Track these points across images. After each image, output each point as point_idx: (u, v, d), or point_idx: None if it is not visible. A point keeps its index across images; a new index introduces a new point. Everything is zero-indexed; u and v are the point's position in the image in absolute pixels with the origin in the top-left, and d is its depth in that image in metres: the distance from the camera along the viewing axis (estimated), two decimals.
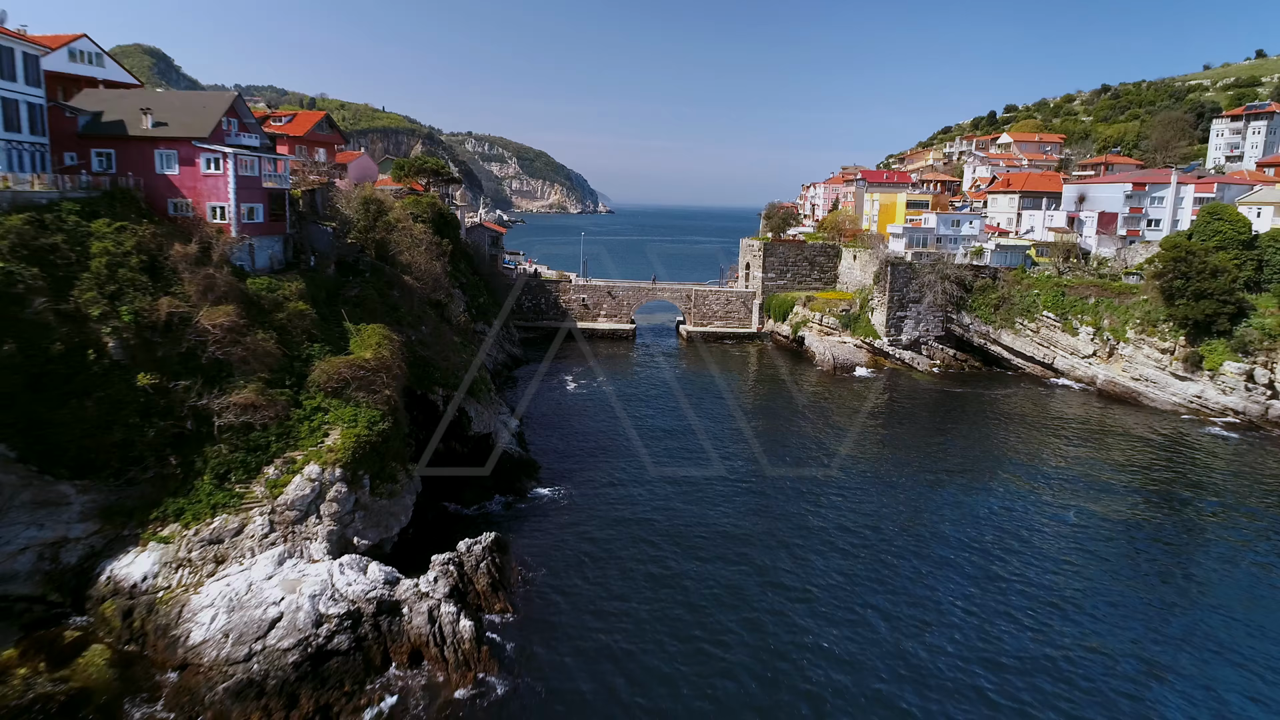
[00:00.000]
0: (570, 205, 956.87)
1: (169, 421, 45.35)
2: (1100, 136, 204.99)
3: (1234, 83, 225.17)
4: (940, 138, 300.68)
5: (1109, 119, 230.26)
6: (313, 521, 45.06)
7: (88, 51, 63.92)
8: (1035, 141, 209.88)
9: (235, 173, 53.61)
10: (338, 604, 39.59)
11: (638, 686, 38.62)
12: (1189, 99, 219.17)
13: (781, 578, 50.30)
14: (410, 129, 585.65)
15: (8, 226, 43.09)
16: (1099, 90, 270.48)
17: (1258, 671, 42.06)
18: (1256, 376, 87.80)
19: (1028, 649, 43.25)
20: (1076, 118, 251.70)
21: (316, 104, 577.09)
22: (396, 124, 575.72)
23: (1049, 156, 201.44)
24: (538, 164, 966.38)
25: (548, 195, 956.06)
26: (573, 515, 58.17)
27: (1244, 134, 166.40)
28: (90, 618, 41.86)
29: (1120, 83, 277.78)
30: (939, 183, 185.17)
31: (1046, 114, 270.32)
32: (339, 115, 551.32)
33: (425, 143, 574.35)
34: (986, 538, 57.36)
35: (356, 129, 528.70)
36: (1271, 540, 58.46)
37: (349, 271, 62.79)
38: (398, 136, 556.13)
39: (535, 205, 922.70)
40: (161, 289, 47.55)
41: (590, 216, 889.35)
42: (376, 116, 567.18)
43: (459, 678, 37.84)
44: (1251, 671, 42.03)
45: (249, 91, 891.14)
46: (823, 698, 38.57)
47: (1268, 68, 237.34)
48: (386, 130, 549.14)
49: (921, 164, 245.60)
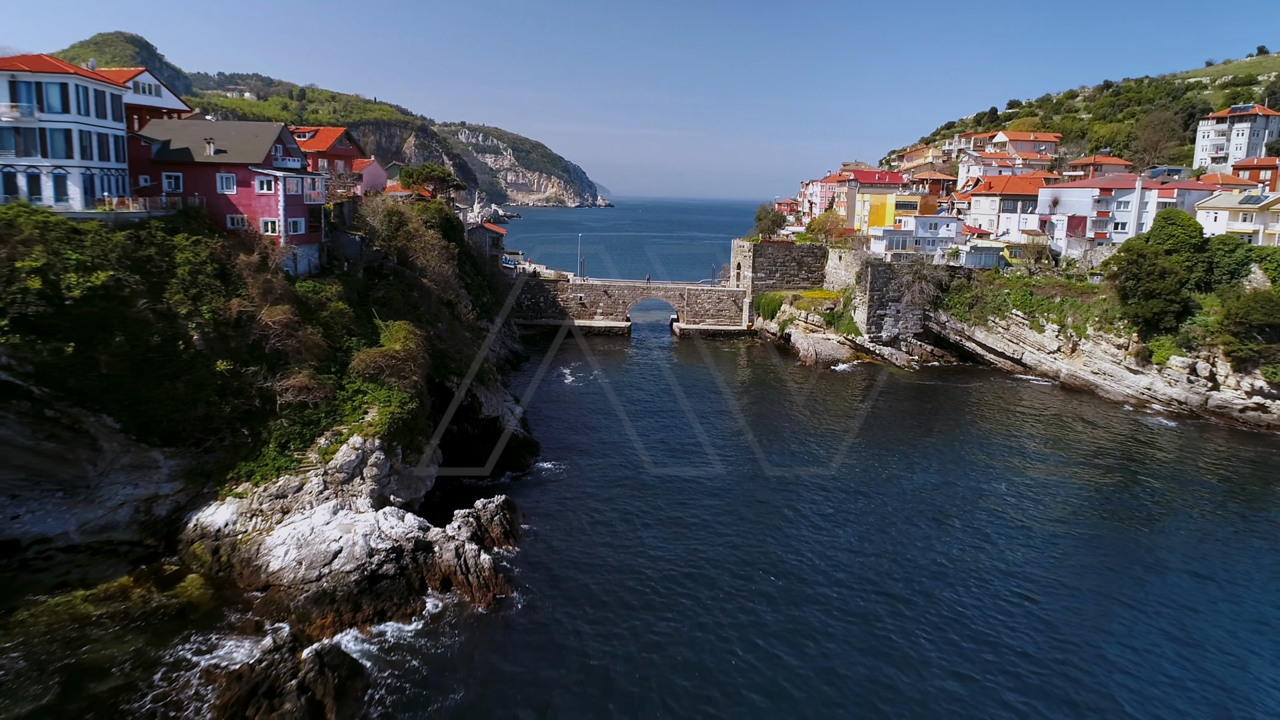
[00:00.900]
0: (568, 198, 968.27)
1: (241, 400, 58.68)
2: (1094, 136, 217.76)
3: (1230, 81, 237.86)
4: (943, 132, 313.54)
5: (1107, 117, 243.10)
6: (357, 482, 58.33)
7: (148, 84, 77.14)
8: (1030, 140, 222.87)
9: (284, 192, 66.88)
10: (384, 541, 52.90)
11: (620, 598, 51.75)
12: (1186, 97, 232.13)
13: (745, 514, 63.47)
14: (403, 121, 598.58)
15: (115, 242, 56.38)
16: (1101, 86, 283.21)
17: (1186, 605, 55.11)
18: (1199, 369, 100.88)
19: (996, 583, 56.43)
20: (1077, 115, 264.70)
21: (306, 95, 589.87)
22: (388, 116, 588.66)
23: (1043, 155, 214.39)
24: (534, 155, 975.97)
25: (544, 188, 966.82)
26: (569, 483, 71.51)
27: (1229, 135, 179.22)
28: (181, 556, 55.15)
29: (1125, 78, 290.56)
30: (934, 182, 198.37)
31: (1049, 110, 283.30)
32: (329, 107, 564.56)
33: (418, 135, 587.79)
34: (941, 504, 70.52)
35: (348, 121, 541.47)
36: (1205, 511, 71.58)
37: (375, 275, 76.10)
38: (390, 129, 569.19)
39: (532, 198, 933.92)
40: (231, 291, 60.83)
41: (589, 210, 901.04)
42: (368, 108, 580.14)
43: (481, 596, 51.09)
44: (1179, 605, 55.05)
45: (233, 80, 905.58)
46: (757, 576, 51.69)
47: (1266, 65, 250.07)
48: (379, 122, 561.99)
49: (921, 161, 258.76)
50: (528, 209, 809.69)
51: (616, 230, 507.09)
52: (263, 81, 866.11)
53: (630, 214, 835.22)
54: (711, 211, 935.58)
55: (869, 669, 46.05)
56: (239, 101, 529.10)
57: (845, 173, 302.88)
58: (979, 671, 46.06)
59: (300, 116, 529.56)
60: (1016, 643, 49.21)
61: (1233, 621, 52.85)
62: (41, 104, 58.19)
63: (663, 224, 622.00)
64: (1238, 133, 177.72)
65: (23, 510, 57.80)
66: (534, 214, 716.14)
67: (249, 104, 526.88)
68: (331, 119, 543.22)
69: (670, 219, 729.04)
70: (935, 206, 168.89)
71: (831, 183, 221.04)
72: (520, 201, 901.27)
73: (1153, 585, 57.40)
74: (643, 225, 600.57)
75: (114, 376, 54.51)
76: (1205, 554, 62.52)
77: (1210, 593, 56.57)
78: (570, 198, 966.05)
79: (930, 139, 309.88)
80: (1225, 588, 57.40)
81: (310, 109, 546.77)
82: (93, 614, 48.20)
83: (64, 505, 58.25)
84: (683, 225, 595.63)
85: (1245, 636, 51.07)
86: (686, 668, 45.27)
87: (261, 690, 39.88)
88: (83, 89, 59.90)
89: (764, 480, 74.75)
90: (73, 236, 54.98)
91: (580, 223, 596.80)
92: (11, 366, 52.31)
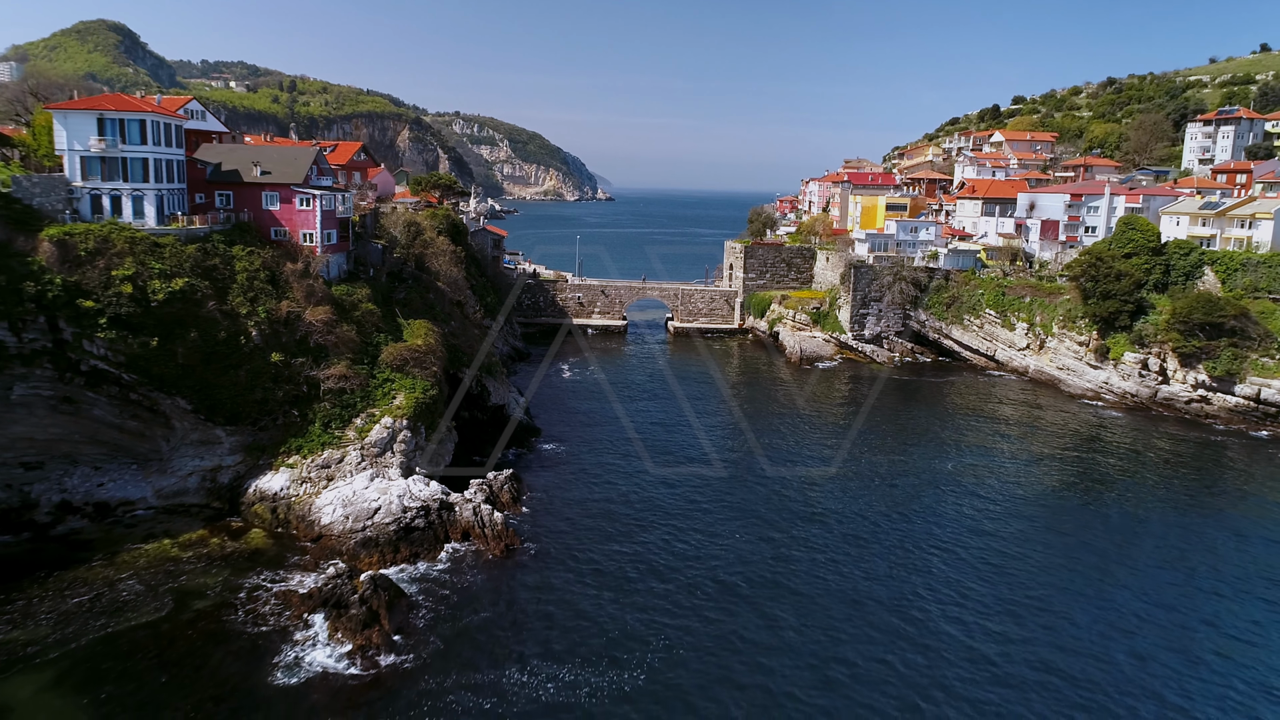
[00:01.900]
0: (567, 192, 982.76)
1: (290, 386, 73.87)
2: (1089, 136, 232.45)
3: (1229, 80, 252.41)
4: (947, 128, 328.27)
5: (1106, 116, 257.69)
6: (389, 455, 73.44)
7: (195, 110, 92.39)
8: (1027, 140, 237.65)
9: (320, 208, 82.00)
10: (414, 501, 68.08)
11: (612, 546, 66.73)
12: (1184, 96, 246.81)
13: (719, 472, 78.49)
14: (396, 113, 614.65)
15: (188, 253, 71.60)
16: (1105, 83, 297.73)
17: (1138, 568, 70.01)
18: (1150, 364, 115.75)
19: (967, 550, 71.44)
20: (1079, 112, 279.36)
21: (297, 86, 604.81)
22: (382, 108, 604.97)
23: (1039, 155, 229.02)
24: (531, 147, 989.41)
25: (542, 181, 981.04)
26: (566, 459, 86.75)
27: (1215, 138, 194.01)
28: (244, 515, 70.31)
29: (1131, 74, 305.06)
30: (930, 182, 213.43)
31: (1052, 106, 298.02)
32: (321, 99, 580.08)
33: (412, 127, 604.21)
34: (909, 485, 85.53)
35: (340, 114, 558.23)
36: (1148, 491, 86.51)
37: (396, 279, 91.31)
38: (383, 121, 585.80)
39: (529, 192, 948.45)
40: (280, 294, 75.99)
41: (588, 205, 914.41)
42: (361, 100, 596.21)
43: (494, 545, 66.20)
44: (1131, 565, 69.90)
45: (217, 68, 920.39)
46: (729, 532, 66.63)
47: (1266, 64, 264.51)
48: (371, 115, 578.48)
49: (921, 160, 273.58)
50: (525, 203, 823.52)
51: (616, 226, 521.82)
52: (248, 70, 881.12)
53: (631, 208, 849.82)
54: (716, 205, 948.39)
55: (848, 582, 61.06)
56: (228, 94, 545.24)
57: (847, 169, 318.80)
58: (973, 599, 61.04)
59: (291, 109, 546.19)
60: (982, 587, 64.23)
61: (1157, 562, 67.74)
62: (124, 137, 73.41)
63: (665, 219, 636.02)
64: (1223, 135, 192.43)
65: (106, 479, 73.06)
66: (532, 209, 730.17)
67: (238, 96, 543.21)
68: (323, 112, 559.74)
69: (673, 214, 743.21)
70: (924, 208, 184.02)
71: (829, 182, 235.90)
72: (517, 195, 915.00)
73: (1102, 548, 72.35)
74: (644, 221, 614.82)
75: (188, 366, 69.84)
76: (1147, 524, 77.49)
77: (1145, 546, 71.44)
78: (569, 191, 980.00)
79: (934, 135, 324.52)
80: (1160, 542, 72.34)
81: (301, 101, 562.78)
82: (182, 556, 63.37)
83: (139, 475, 73.53)
84: (686, 221, 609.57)
85: (1149, 571, 65.92)
86: (667, 598, 60.24)
87: (330, 603, 54.98)
88: (155, 123, 75.15)
89: (752, 461, 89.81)
90: (154, 249, 70.30)
91: (579, 218, 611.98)
92: (107, 357, 67.66)
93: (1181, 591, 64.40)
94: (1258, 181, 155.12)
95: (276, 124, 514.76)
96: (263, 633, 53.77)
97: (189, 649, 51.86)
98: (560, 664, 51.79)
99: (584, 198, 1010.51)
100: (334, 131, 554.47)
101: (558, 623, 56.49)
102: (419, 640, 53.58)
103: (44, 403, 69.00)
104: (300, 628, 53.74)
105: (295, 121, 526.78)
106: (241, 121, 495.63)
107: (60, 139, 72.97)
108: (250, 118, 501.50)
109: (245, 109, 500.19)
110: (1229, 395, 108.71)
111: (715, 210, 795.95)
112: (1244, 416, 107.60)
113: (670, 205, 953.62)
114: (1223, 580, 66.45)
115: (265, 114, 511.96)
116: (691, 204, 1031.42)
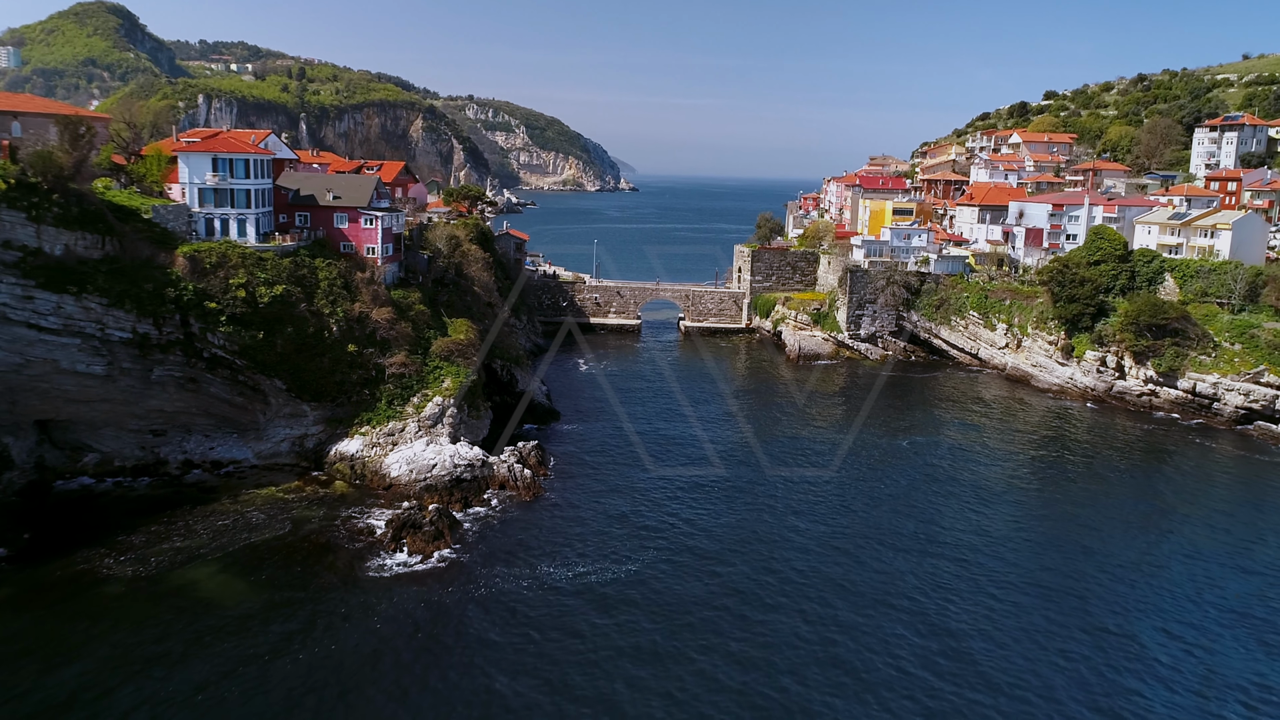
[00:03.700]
0: (587, 181, 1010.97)
1: (362, 371, 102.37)
2: (1105, 139, 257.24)
3: (1255, 80, 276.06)
4: (978, 123, 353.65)
5: (1130, 115, 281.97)
6: (440, 427, 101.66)
7: (273, 143, 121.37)
8: (1044, 142, 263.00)
9: (381, 227, 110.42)
10: (462, 460, 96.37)
11: (617, 497, 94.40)
12: (1206, 97, 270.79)
13: (717, 468, 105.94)
14: (409, 102, 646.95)
15: (284, 265, 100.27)
16: (1135, 80, 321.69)
17: (1089, 522, 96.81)
18: (1108, 362, 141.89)
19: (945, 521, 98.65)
20: (1105, 111, 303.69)
21: (306, 73, 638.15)
22: (394, 96, 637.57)
23: (1055, 158, 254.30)
24: (549, 133, 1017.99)
25: (561, 170, 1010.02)
26: (583, 436, 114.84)
27: (1219, 144, 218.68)
28: (328, 471, 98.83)
29: (1165, 69, 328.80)
30: (948, 183, 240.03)
31: (1081, 103, 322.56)
32: (332, 88, 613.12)
33: (425, 116, 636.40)
34: (902, 479, 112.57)
35: (351, 103, 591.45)
36: (1103, 473, 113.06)
37: (439, 284, 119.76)
38: (395, 110, 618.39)
39: (547, 182, 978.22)
40: (352, 297, 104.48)
41: (610, 196, 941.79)
42: (372, 88, 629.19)
43: (525, 493, 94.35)
44: (1090, 527, 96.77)
45: (217, 49, 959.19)
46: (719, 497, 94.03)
47: None
48: (383, 104, 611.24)
49: (943, 159, 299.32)
50: (543, 194, 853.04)
51: (639, 222, 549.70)
52: (249, 50, 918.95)
53: (656, 200, 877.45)
54: (748, 195, 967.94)
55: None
56: (238, 83, 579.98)
57: (871, 166, 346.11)
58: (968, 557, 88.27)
59: (301, 99, 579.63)
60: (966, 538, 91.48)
61: (1100, 524, 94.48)
62: (231, 172, 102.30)
63: (691, 213, 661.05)
64: (1227, 141, 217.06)
65: (214, 444, 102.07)
66: (550, 201, 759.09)
67: (247, 85, 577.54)
68: (334, 101, 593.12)
69: (700, 206, 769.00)
70: (931, 213, 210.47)
71: (847, 182, 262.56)
72: (534, 185, 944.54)
73: (1064, 521, 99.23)
74: (668, 214, 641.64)
75: (284, 354, 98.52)
76: (1100, 497, 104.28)
77: (1105, 512, 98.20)
78: (590, 181, 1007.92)
79: (963, 131, 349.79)
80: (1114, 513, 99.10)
81: (311, 90, 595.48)
82: (287, 498, 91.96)
83: (240, 441, 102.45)
84: (713, 215, 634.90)
85: (1110, 531, 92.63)
86: (663, 525, 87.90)
87: (407, 525, 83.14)
88: (254, 160, 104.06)
89: (749, 455, 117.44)
90: (259, 262, 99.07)
91: (600, 211, 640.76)
92: (225, 347, 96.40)
93: (1098, 537, 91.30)
94: (1246, 189, 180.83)
95: (286, 114, 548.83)
96: (358, 546, 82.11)
97: (308, 553, 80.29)
98: (576, 564, 79.67)
99: (605, 188, 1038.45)
100: (345, 121, 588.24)
101: (574, 539, 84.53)
102: (473, 549, 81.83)
103: (174, 381, 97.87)
104: (385, 542, 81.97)
105: (305, 111, 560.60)
106: (251, 112, 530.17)
107: (183, 174, 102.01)
108: (260, 108, 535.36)
109: (255, 99, 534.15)
110: (1172, 389, 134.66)
111: (744, 202, 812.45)
112: (1183, 408, 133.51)
113: (698, 196, 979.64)
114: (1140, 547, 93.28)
115: (275, 104, 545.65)
116: (721, 193, 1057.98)
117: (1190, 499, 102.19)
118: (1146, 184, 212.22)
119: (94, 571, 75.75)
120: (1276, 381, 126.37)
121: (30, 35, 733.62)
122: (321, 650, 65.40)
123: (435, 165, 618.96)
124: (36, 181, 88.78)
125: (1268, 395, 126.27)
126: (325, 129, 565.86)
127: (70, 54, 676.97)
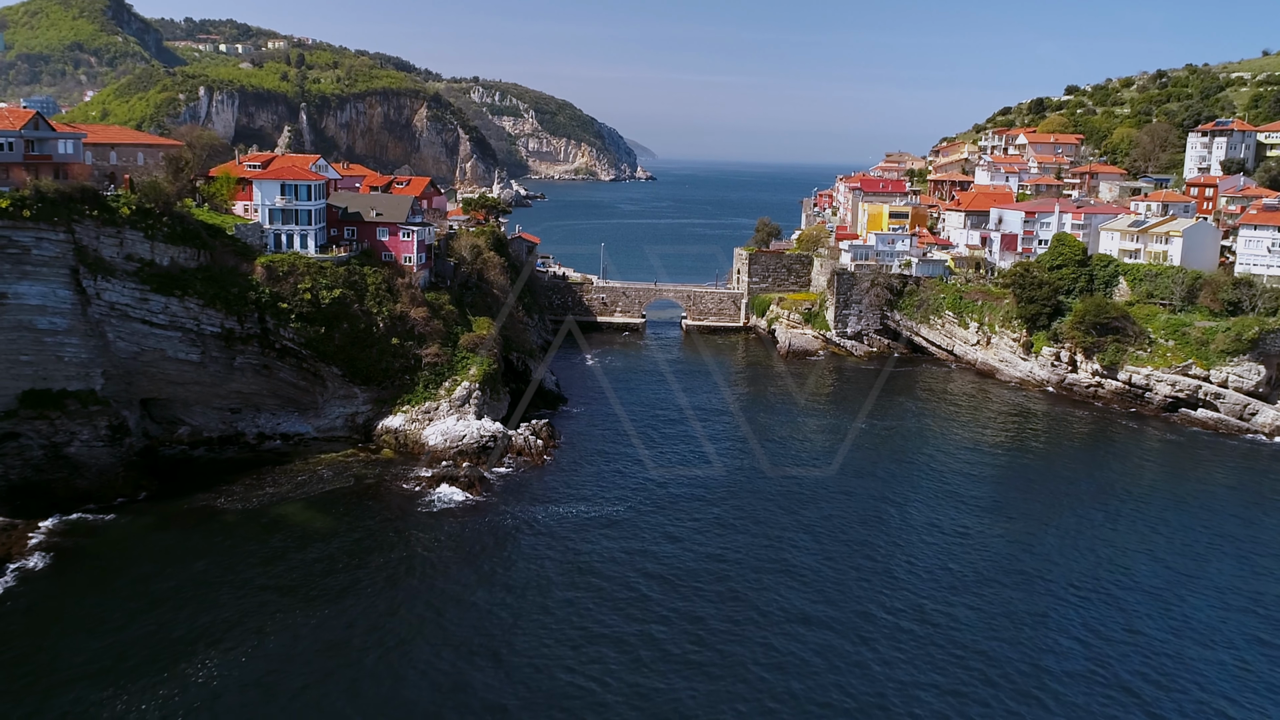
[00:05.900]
0: (601, 170, 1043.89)
1: (403, 360, 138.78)
2: (1108, 141, 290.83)
3: (1265, 79, 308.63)
4: (999, 117, 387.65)
5: (1142, 114, 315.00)
6: (467, 407, 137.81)
7: (321, 164, 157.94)
8: (1050, 143, 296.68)
9: (416, 239, 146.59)
10: (486, 432, 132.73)
11: (616, 462, 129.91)
12: (1216, 97, 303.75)
13: (713, 464, 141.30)
14: (413, 90, 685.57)
15: (340, 273, 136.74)
16: (1154, 76, 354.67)
17: (1050, 496, 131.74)
18: (1061, 357, 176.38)
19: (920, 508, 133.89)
20: (1121, 108, 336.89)
21: (305, 59, 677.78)
22: (397, 83, 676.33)
23: (1059, 159, 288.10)
24: (560, 118, 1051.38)
25: (573, 157, 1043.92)
26: (588, 417, 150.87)
27: (1210, 148, 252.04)
28: (375, 442, 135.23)
29: (1188, 64, 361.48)
30: (953, 184, 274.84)
31: (1099, 99, 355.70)
32: (332, 75, 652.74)
33: (430, 105, 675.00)
34: (875, 464, 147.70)
35: (353, 91, 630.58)
36: (1051, 455, 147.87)
37: (464, 287, 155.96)
38: (399, 99, 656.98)
39: (558, 170, 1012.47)
40: (394, 299, 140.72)
41: (624, 186, 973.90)
42: (375, 76, 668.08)
43: (537, 459, 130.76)
44: (1057, 502, 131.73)
45: (204, 28, 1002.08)
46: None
47: None
48: (386, 92, 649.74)
49: (955, 157, 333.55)
50: (553, 185, 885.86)
51: (653, 216, 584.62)
52: (238, 29, 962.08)
53: (673, 190, 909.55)
54: (774, 185, 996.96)
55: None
56: (236, 71, 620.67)
57: (887, 163, 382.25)
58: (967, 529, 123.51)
59: (301, 87, 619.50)
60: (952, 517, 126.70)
61: (1052, 497, 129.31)
62: (296, 195, 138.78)
63: (710, 206, 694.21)
64: (1217, 146, 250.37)
65: (280, 420, 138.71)
66: (561, 192, 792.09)
67: (245, 74, 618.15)
68: (335, 89, 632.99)
69: (720, 197, 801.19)
70: (925, 217, 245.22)
71: (851, 184, 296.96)
72: (544, 174, 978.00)
73: (1021, 497, 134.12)
74: (685, 207, 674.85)
75: (341, 346, 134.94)
76: (1052, 474, 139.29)
77: (1059, 487, 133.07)
78: (604, 169, 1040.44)
79: (982, 126, 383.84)
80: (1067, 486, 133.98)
81: (311, 78, 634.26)
82: (347, 461, 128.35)
83: (300, 418, 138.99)
84: (732, 208, 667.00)
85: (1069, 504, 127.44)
86: (654, 478, 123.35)
87: (446, 478, 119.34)
88: (314, 185, 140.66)
89: (747, 450, 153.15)
90: (320, 270, 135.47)
91: (613, 204, 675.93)
92: (294, 339, 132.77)
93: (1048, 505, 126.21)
94: (1222, 195, 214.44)
95: (287, 104, 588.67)
96: (411, 490, 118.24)
97: (371, 497, 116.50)
98: (582, 506, 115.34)
99: (620, 177, 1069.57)
100: (347, 111, 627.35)
101: (580, 488, 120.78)
102: (499, 494, 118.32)
103: (251, 368, 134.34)
104: (431, 488, 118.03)
105: (306, 101, 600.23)
106: (251, 103, 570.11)
107: (256, 197, 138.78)
108: (260, 98, 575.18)
109: (254, 88, 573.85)
110: (1114, 381, 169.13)
111: (768, 193, 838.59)
112: (1121, 397, 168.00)
113: (718, 186, 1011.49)
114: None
115: (275, 93, 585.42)
116: (744, 182, 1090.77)
117: (1117, 477, 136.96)
118: (1141, 187, 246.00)
119: (211, 507, 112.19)
120: (1201, 374, 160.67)
121: (13, 17, 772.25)
122: (397, 555, 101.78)
123: (440, 156, 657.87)
124: (150, 207, 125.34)
125: (1192, 385, 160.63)
126: (326, 119, 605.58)
127: (56, 37, 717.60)
